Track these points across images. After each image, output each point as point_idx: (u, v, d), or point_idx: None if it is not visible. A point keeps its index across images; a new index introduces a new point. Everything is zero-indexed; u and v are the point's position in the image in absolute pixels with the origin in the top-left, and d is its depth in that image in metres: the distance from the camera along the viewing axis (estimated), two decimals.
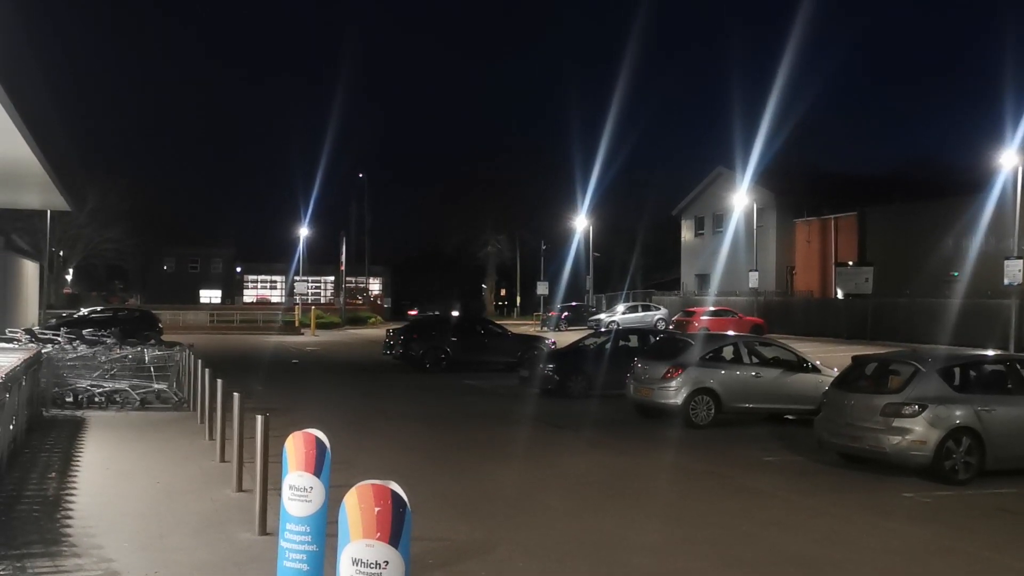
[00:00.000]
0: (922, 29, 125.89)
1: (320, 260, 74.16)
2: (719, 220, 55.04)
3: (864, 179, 51.70)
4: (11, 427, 10.17)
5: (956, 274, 38.03)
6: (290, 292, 77.30)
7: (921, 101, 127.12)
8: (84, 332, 19.49)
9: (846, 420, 11.71)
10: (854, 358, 12.90)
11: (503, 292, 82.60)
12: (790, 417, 16.03)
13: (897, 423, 11.05)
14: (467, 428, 15.47)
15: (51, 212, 36.14)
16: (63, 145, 17.72)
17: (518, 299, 74.96)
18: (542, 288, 57.69)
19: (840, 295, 42.68)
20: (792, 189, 49.96)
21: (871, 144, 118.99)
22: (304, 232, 68.02)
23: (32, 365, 12.66)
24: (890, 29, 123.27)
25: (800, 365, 16.18)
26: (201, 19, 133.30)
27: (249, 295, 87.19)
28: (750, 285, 46.18)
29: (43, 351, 15.46)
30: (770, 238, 49.94)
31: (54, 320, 34.74)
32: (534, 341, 27.06)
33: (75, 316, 35.17)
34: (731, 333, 23.83)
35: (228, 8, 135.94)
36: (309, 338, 46.03)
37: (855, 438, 11.56)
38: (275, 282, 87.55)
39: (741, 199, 48.52)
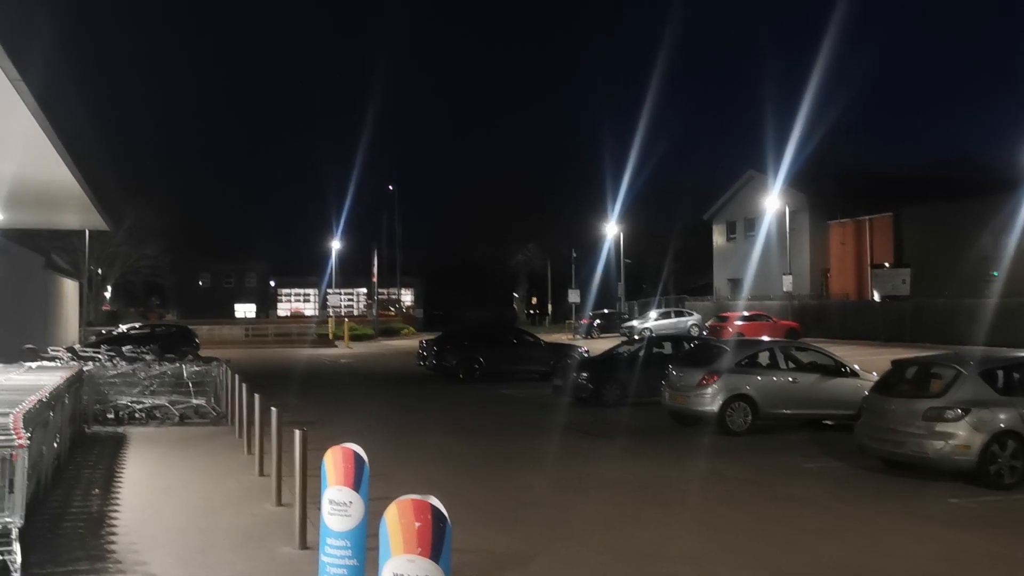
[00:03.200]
0: (956, 26, 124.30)
1: (352, 272, 74.70)
2: (751, 224, 54.64)
3: (899, 178, 51.00)
4: (55, 444, 10.34)
5: (996, 274, 37.38)
6: (323, 305, 77.97)
7: (956, 98, 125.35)
8: (124, 349, 19.78)
9: (887, 425, 11.54)
10: (894, 362, 12.72)
11: (534, 300, 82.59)
12: (829, 423, 15.83)
13: (940, 427, 10.88)
14: (502, 438, 15.47)
15: (89, 231, 36.84)
16: (101, 166, 18.04)
17: (549, 307, 74.87)
18: (573, 296, 57.58)
19: (877, 297, 42.13)
20: (825, 191, 49.43)
21: (905, 143, 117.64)
22: (336, 245, 68.62)
23: (74, 383, 12.87)
24: (924, 27, 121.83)
25: (838, 369, 15.98)
26: (234, 35, 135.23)
27: (283, 308, 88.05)
28: (784, 289, 45.74)
29: (84, 369, 15.71)
30: (803, 241, 49.46)
31: (94, 337, 35.33)
32: (567, 349, 27.02)
33: (114, 333, 35.70)
34: (766, 338, 23.62)
35: (260, 23, 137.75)
36: (343, 350, 46.35)
37: (897, 443, 11.39)
38: (308, 295, 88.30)
39: (773, 202, 48.13)
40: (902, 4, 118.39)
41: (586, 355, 24.97)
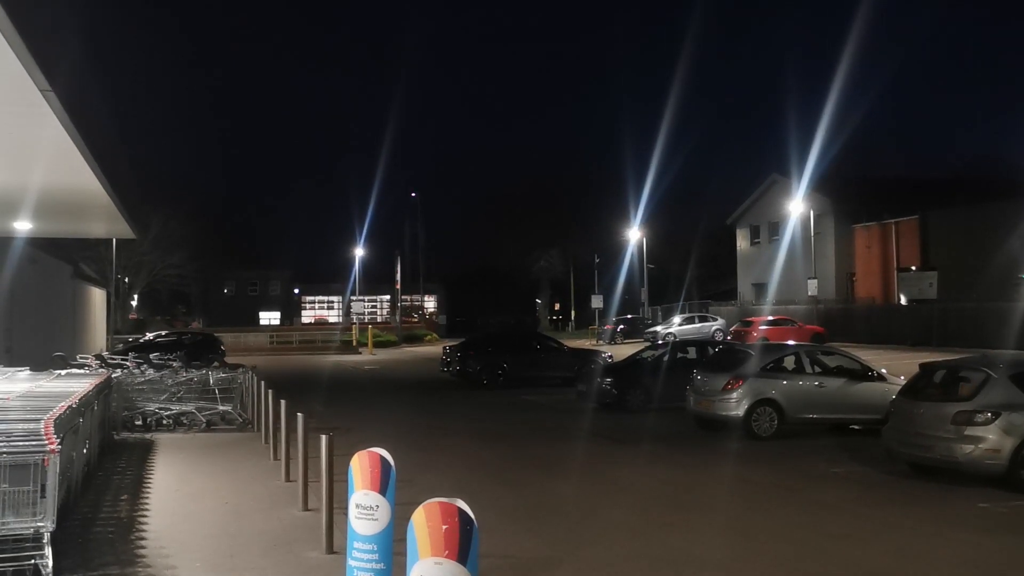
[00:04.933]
0: (982, 27, 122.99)
1: (376, 279, 75.04)
2: (775, 228, 54.31)
3: (925, 181, 50.55)
4: (85, 450, 10.45)
5: None
6: (347, 312, 78.30)
7: (982, 99, 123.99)
8: (151, 356, 19.99)
9: (916, 429, 11.43)
10: (922, 365, 12.59)
11: (557, 306, 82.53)
12: (856, 427, 15.70)
13: (969, 431, 10.76)
14: (527, 444, 15.46)
15: (116, 240, 37.28)
16: (128, 175, 18.27)
17: (572, 313, 74.81)
18: (596, 301, 57.46)
19: (903, 301, 41.71)
20: (850, 194, 49.05)
21: (931, 145, 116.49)
22: (359, 252, 68.92)
23: (103, 390, 13.00)
24: (948, 28, 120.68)
25: (865, 374, 15.84)
26: (256, 43, 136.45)
27: (307, 316, 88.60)
28: (809, 293, 45.41)
29: (113, 376, 15.89)
30: (828, 245, 49.08)
31: (121, 345, 35.71)
32: (590, 355, 26.99)
33: (141, 340, 36.09)
34: (791, 343, 23.45)
35: (281, 30, 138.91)
36: (367, 357, 46.52)
37: (926, 448, 11.28)
38: (332, 302, 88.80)
39: (797, 206, 47.81)
40: (927, 7, 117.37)
41: (610, 361, 24.92)
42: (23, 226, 20.60)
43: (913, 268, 42.19)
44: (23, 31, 7.43)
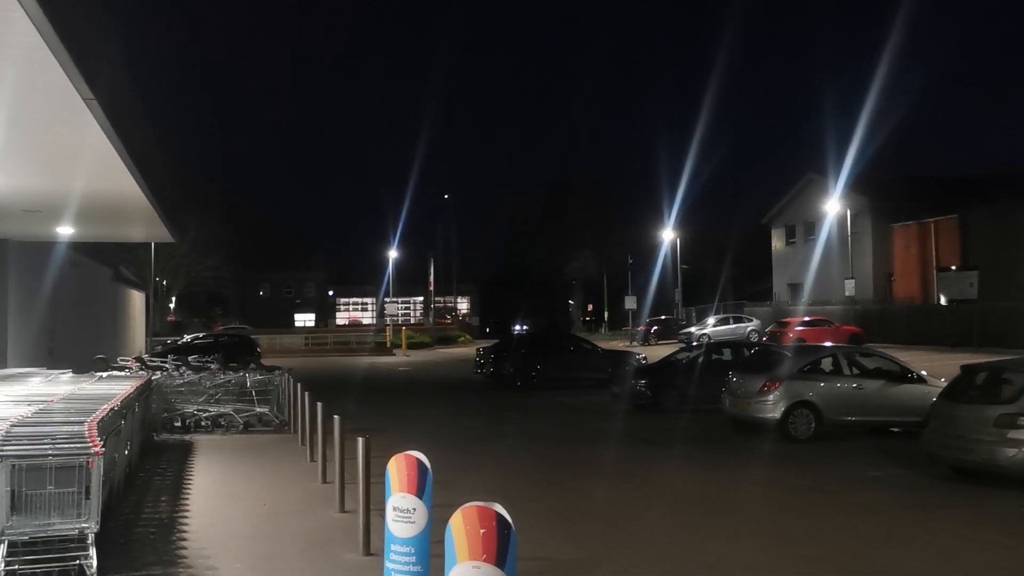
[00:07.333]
0: (1019, 24, 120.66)
1: (409, 281, 75.45)
2: (811, 228, 53.70)
3: (964, 179, 49.63)
4: (126, 452, 10.63)
5: None
6: (381, 313, 78.81)
7: (1022, 95, 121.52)
8: (189, 358, 20.28)
9: (957, 432, 11.26)
10: (963, 367, 12.40)
11: (590, 307, 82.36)
12: (895, 430, 15.49)
13: (1012, 435, 10.58)
14: (562, 445, 15.45)
15: (155, 243, 37.87)
16: (167, 179, 18.56)
17: (606, 314, 74.61)
18: (630, 302, 57.30)
19: (943, 301, 41.05)
20: (888, 193, 48.33)
21: (970, 142, 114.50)
22: (393, 254, 69.38)
23: (144, 392, 13.22)
24: (987, 25, 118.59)
25: (904, 375, 15.63)
26: (290, 48, 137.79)
27: (341, 317, 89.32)
28: (846, 293, 44.84)
29: (153, 378, 16.14)
30: (866, 244, 48.44)
31: (160, 347, 36.25)
32: (624, 356, 26.89)
33: (179, 343, 36.60)
34: (828, 344, 23.19)
35: (314, 35, 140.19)
36: (401, 358, 46.76)
37: (967, 451, 11.12)
38: (366, 304, 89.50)
39: (834, 205, 47.26)
40: (968, 4, 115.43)
41: (644, 362, 24.83)
42: (65, 231, 21.01)
43: (953, 268, 41.50)
44: (67, 43, 7.60)
